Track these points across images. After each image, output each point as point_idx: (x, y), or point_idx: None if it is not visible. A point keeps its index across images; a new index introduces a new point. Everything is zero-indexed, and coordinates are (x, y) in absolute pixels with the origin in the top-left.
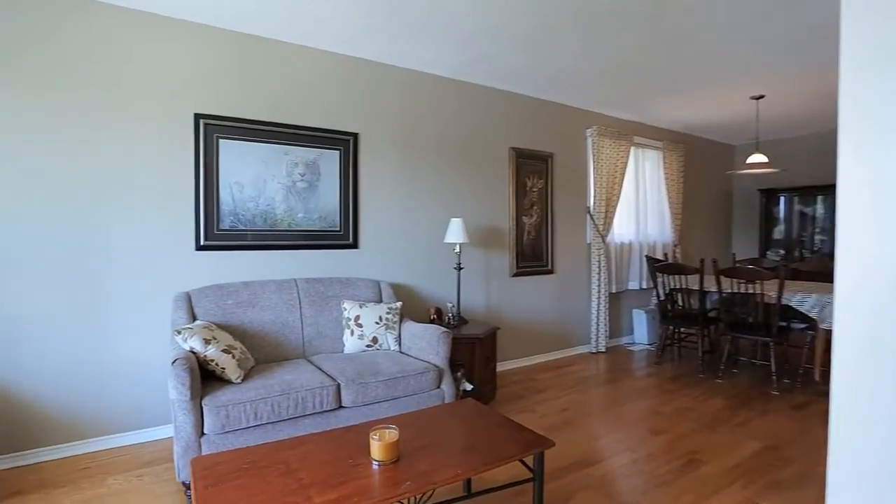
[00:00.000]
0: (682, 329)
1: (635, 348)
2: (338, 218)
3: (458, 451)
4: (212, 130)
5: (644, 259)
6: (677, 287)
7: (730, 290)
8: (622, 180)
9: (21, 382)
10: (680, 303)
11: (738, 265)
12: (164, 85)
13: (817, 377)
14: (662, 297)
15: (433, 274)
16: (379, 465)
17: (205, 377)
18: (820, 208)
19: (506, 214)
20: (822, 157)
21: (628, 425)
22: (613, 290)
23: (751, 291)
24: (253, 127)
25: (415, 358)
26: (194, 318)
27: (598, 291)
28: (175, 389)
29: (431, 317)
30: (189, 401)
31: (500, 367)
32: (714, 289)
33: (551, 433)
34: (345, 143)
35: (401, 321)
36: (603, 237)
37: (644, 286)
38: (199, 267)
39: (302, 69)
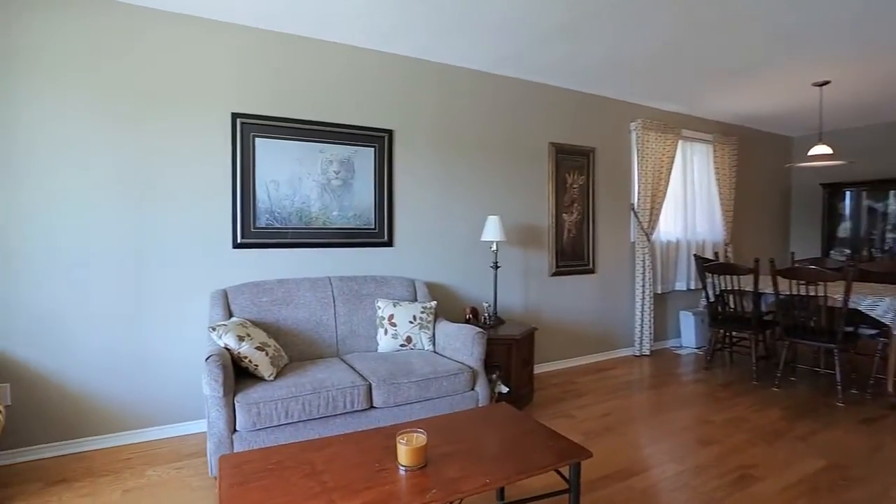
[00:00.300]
0: (734, 333)
1: (682, 352)
2: (372, 216)
3: (489, 459)
4: (248, 129)
5: (692, 258)
6: (729, 288)
7: (788, 292)
8: (669, 176)
9: (69, 374)
10: (732, 305)
11: (797, 265)
12: (202, 86)
13: (890, 388)
14: (712, 299)
15: (469, 273)
16: (406, 470)
17: (239, 374)
18: (892, 204)
19: (545, 212)
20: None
21: (674, 434)
22: (659, 291)
23: (812, 294)
24: (288, 125)
25: (449, 359)
26: (230, 315)
27: (643, 292)
28: (208, 386)
29: (467, 317)
30: (222, 397)
31: (538, 369)
32: (770, 290)
33: (591, 440)
34: (380, 140)
35: (435, 321)
36: (648, 235)
37: (692, 287)
38: (236, 264)
39: (336, 66)
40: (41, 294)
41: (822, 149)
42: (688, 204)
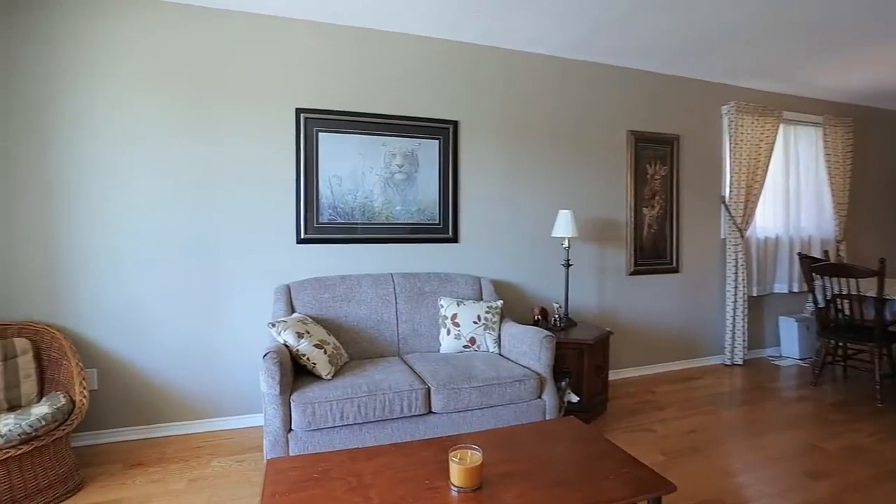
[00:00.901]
0: (850, 344)
1: (782, 363)
2: (437, 210)
3: (553, 484)
4: (312, 124)
5: (795, 257)
6: (843, 292)
7: None
8: (767, 164)
9: (148, 363)
10: (847, 312)
11: None
12: (267, 83)
13: None
14: (822, 304)
15: (538, 271)
16: (458, 491)
17: (298, 371)
18: None
19: (622, 205)
20: None
21: (775, 462)
22: (754, 294)
23: None
24: (351, 119)
25: (514, 362)
26: (293, 311)
27: (735, 294)
28: (265, 383)
29: (535, 318)
30: (278, 395)
31: (613, 375)
32: None
33: (673, 461)
34: (444, 132)
35: (501, 321)
36: (741, 231)
37: (795, 289)
38: (300, 260)
39: (399, 57)
40: (123, 288)
41: None
42: (790, 195)
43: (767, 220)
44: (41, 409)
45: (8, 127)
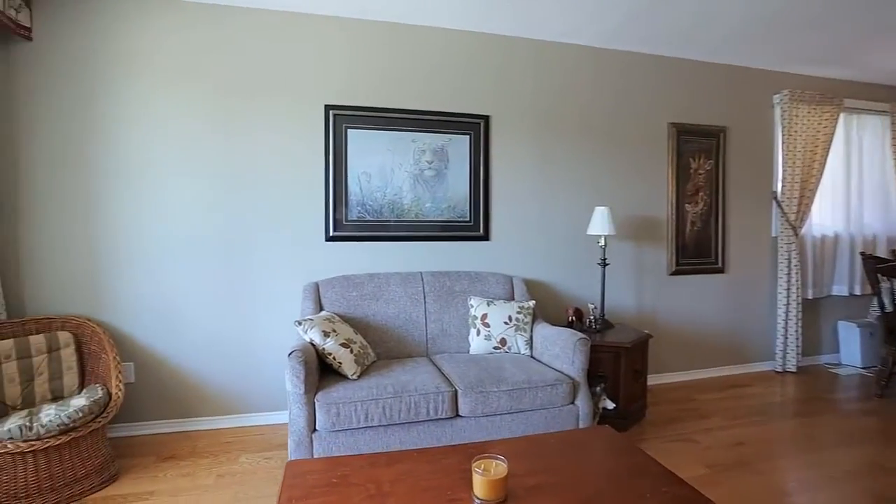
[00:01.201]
0: None
1: (842, 371)
2: (467, 207)
3: (583, 501)
4: (341, 121)
5: (857, 257)
6: None
7: None
8: (825, 156)
9: (182, 358)
10: None
11: None
12: (296, 80)
13: None
14: (889, 308)
15: (573, 270)
16: None
17: (325, 370)
18: None
19: (663, 202)
20: None
21: (836, 482)
22: (810, 296)
23: None
24: (380, 115)
25: (546, 365)
26: (321, 309)
27: (788, 296)
28: (290, 382)
29: (569, 319)
30: (303, 394)
31: (653, 380)
32: None
33: (718, 475)
34: (475, 127)
35: (533, 322)
36: (795, 229)
37: (857, 292)
38: (329, 257)
39: (427, 51)
40: (158, 285)
41: None
42: (852, 190)
43: (825, 216)
44: (79, 401)
45: (53, 129)
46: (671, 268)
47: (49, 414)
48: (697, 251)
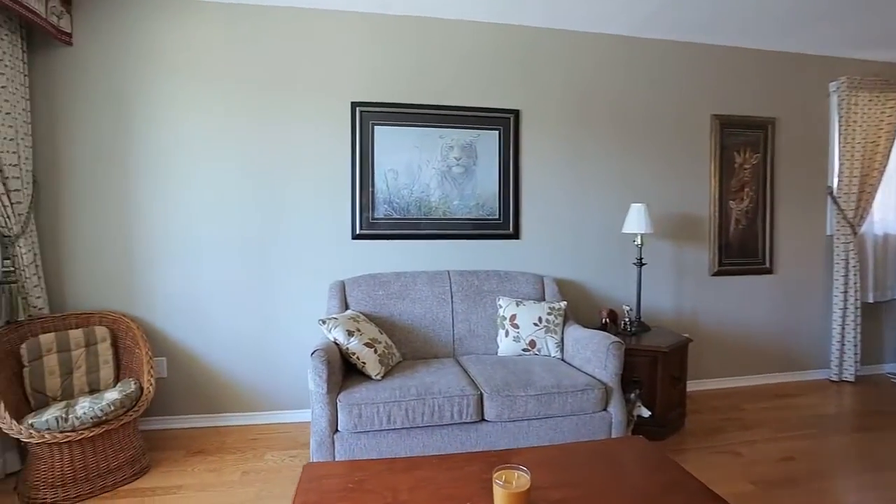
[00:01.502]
0: None
1: None
2: (496, 205)
3: None
4: (367, 118)
5: None
6: None
7: None
8: (889, 148)
9: (212, 354)
10: None
11: None
12: (322, 78)
13: None
14: None
15: (607, 270)
16: None
17: (350, 370)
18: None
19: (705, 198)
20: None
21: None
22: (871, 300)
23: None
24: (407, 111)
25: (577, 369)
26: (347, 307)
27: (845, 299)
28: (312, 381)
29: (603, 320)
30: (325, 394)
31: (692, 386)
32: None
33: (765, 493)
34: (504, 122)
35: (564, 324)
36: (853, 227)
37: None
38: (355, 255)
39: (454, 45)
40: (189, 282)
41: None
42: None
43: (888, 213)
44: (112, 395)
45: (90, 131)
46: (713, 268)
47: (84, 406)
48: (742, 250)
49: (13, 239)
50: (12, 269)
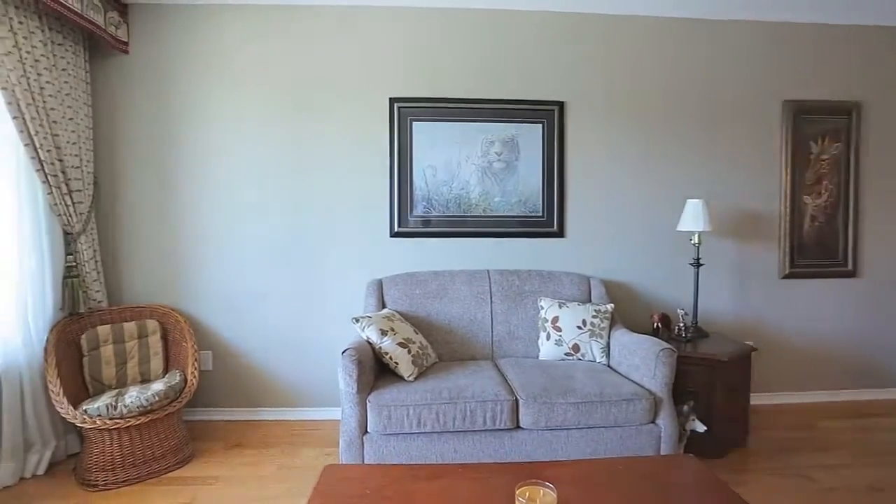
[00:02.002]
0: None
1: None
2: (540, 201)
3: None
4: (406, 114)
5: None
6: None
7: None
8: None
9: (253, 350)
10: None
11: None
12: (359, 75)
13: None
14: None
15: (660, 270)
16: None
17: (383, 370)
18: None
19: (775, 193)
20: None
21: None
22: None
23: None
24: (445, 106)
25: (624, 377)
26: (384, 306)
27: None
28: (342, 381)
29: (655, 325)
30: (355, 394)
31: (756, 399)
32: None
33: None
34: (548, 115)
35: (611, 327)
36: None
37: None
38: (393, 253)
39: (495, 36)
40: (234, 279)
41: None
42: None
43: None
44: (158, 386)
45: (142, 134)
46: (784, 269)
47: (132, 396)
48: (819, 251)
49: (75, 236)
50: (74, 264)
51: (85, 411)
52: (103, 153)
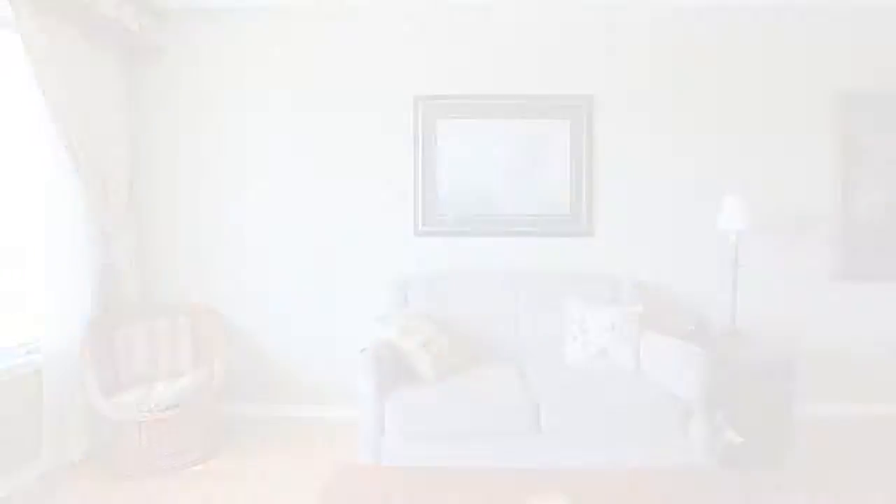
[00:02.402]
0: None
1: None
2: (567, 200)
3: None
4: (430, 112)
5: None
6: None
7: None
8: None
9: (282, 347)
10: None
11: None
12: (384, 72)
13: None
14: None
15: (695, 271)
16: None
17: (403, 371)
18: None
19: (825, 190)
20: None
21: None
22: None
23: None
24: (470, 103)
25: (654, 383)
26: (408, 305)
27: None
28: (361, 380)
29: (689, 329)
30: (373, 394)
31: (801, 410)
32: None
33: None
34: (575, 110)
35: (641, 331)
36: None
37: None
38: (417, 253)
39: (520, 29)
40: (262, 277)
41: None
42: None
43: None
44: (186, 380)
45: (176, 139)
46: (835, 271)
47: (160, 390)
48: (878, 251)
49: (111, 235)
50: (110, 261)
51: (117, 404)
52: (141, 156)
